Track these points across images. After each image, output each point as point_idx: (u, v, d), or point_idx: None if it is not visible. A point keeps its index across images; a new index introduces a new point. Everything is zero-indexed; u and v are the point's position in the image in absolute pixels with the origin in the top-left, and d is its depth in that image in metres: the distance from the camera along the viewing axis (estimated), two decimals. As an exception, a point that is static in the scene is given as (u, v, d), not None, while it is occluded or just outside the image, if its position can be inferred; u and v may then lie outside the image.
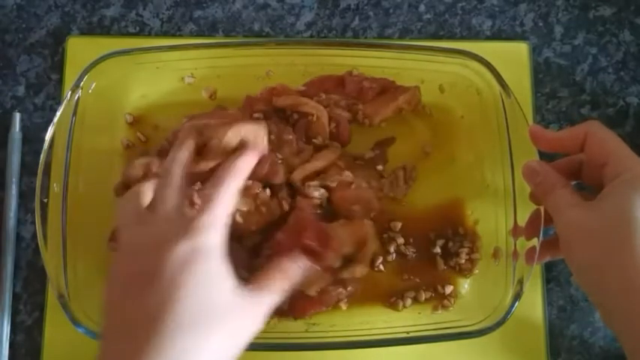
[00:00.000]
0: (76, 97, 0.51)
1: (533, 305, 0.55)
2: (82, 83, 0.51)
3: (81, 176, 0.52)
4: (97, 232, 0.53)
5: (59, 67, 0.59)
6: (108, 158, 0.55)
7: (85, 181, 0.52)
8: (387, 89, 0.55)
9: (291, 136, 0.51)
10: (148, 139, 0.56)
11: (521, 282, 0.47)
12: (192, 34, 0.60)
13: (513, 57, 0.59)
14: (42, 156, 0.49)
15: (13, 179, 0.56)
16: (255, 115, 0.52)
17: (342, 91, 0.54)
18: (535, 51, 0.59)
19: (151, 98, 0.56)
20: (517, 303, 0.47)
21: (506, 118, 0.50)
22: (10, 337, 0.54)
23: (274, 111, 0.53)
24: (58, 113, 0.50)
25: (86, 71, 0.51)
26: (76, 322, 0.48)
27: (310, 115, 0.52)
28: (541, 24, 0.60)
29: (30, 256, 0.56)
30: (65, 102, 0.50)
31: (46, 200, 0.49)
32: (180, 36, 0.60)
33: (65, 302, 0.48)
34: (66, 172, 0.50)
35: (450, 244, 0.54)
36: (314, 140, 0.53)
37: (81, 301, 0.49)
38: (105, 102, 0.53)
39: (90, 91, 0.52)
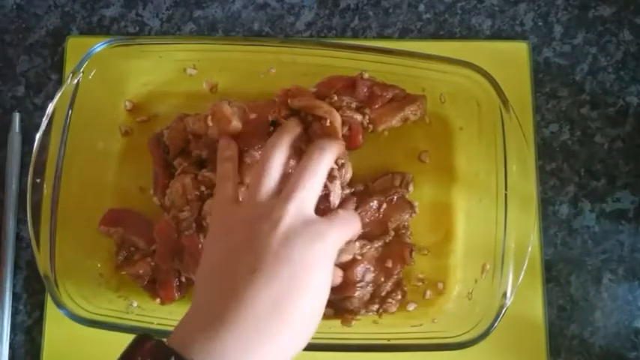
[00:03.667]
0: (75, 81, 0.51)
1: (533, 305, 0.55)
2: (82, 68, 0.51)
3: (76, 160, 0.52)
4: (88, 215, 0.53)
5: (59, 67, 0.59)
6: (105, 144, 0.56)
7: (81, 165, 0.53)
8: (395, 97, 0.54)
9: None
10: (147, 127, 0.56)
11: (505, 295, 0.47)
12: (191, 34, 0.60)
13: (513, 57, 0.59)
14: (38, 135, 0.50)
15: (13, 179, 0.56)
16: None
17: (352, 93, 0.54)
18: (535, 50, 0.59)
19: (152, 87, 0.56)
20: (501, 316, 0.47)
21: (503, 135, 0.50)
22: (10, 337, 0.55)
23: (290, 112, 0.53)
24: (58, 94, 0.50)
25: (88, 56, 0.51)
26: (59, 305, 0.48)
27: (323, 119, 0.51)
28: (541, 23, 0.60)
29: (30, 256, 0.56)
30: (65, 85, 0.51)
31: (38, 180, 0.49)
32: (180, 36, 0.60)
33: (50, 283, 0.49)
34: (60, 154, 0.51)
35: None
36: None
37: (67, 284, 0.50)
38: (105, 88, 0.54)
39: (90, 76, 0.52)
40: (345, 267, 0.50)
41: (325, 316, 0.49)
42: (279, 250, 0.38)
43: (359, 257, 0.51)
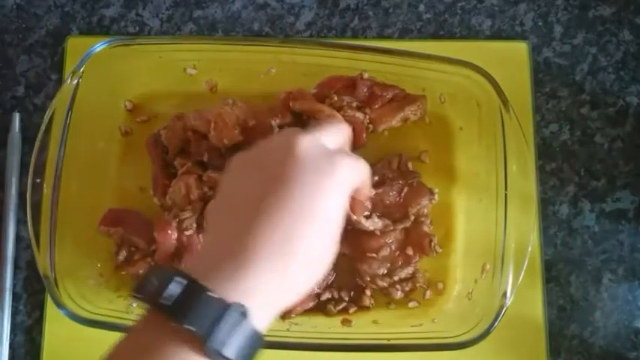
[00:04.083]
0: (75, 81, 0.51)
1: (533, 305, 0.55)
2: (82, 68, 0.51)
3: (76, 160, 0.52)
4: (88, 215, 0.53)
5: (59, 67, 0.59)
6: (105, 144, 0.56)
7: (81, 166, 0.53)
8: (395, 97, 0.54)
9: None
10: (147, 127, 0.56)
11: (505, 295, 0.47)
12: (191, 34, 0.60)
13: (513, 56, 0.59)
14: (39, 135, 0.49)
15: (13, 179, 0.56)
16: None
17: (352, 93, 0.54)
18: (535, 50, 0.59)
19: (152, 87, 0.56)
20: (501, 316, 0.47)
21: (503, 135, 0.50)
22: (10, 337, 0.55)
23: (292, 115, 0.53)
24: (58, 94, 0.50)
25: (88, 56, 0.51)
26: (59, 305, 0.48)
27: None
28: (541, 23, 0.60)
29: (30, 256, 0.56)
30: (65, 85, 0.50)
31: (38, 180, 0.49)
32: (180, 36, 0.60)
33: (50, 283, 0.49)
34: (60, 154, 0.50)
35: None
36: None
37: (67, 284, 0.50)
38: (105, 88, 0.54)
39: (90, 76, 0.52)
40: (368, 236, 0.51)
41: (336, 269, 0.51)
42: (291, 173, 0.37)
43: (379, 233, 0.51)
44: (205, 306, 0.32)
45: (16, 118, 0.58)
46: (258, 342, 0.34)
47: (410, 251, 0.52)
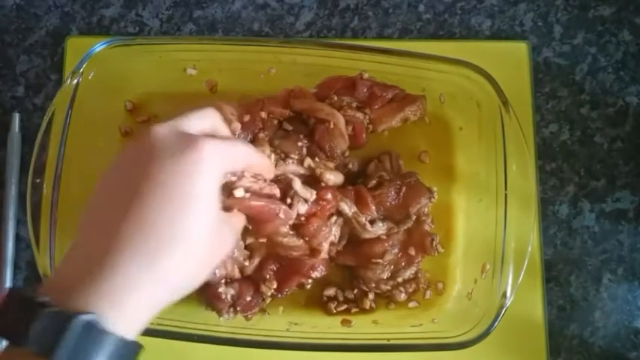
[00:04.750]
0: (75, 82, 0.51)
1: (533, 305, 0.55)
2: (82, 68, 0.51)
3: (76, 160, 0.52)
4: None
5: (59, 67, 0.59)
6: (105, 144, 0.55)
7: (81, 166, 0.52)
8: (395, 97, 0.54)
9: (300, 143, 0.52)
10: (146, 127, 0.55)
11: (505, 295, 0.48)
12: (191, 34, 0.60)
13: (513, 57, 0.59)
14: (39, 135, 0.49)
15: (13, 179, 0.56)
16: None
17: (352, 94, 0.54)
18: (534, 51, 0.59)
19: (152, 87, 0.56)
20: (501, 316, 0.47)
21: (503, 135, 0.50)
22: (10, 337, 0.55)
23: (293, 112, 0.53)
24: (58, 94, 0.50)
25: (88, 56, 0.51)
26: None
27: (327, 122, 0.52)
28: (540, 24, 0.60)
29: (30, 256, 0.56)
30: (65, 85, 0.50)
31: (38, 180, 0.49)
32: (180, 36, 0.60)
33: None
34: (60, 154, 0.51)
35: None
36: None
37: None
38: (105, 88, 0.54)
39: (90, 76, 0.52)
40: (371, 243, 0.51)
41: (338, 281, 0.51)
42: (149, 166, 0.36)
43: (384, 237, 0.51)
44: (44, 322, 0.31)
45: (16, 118, 0.58)
46: (126, 347, 0.32)
47: (412, 251, 0.52)
